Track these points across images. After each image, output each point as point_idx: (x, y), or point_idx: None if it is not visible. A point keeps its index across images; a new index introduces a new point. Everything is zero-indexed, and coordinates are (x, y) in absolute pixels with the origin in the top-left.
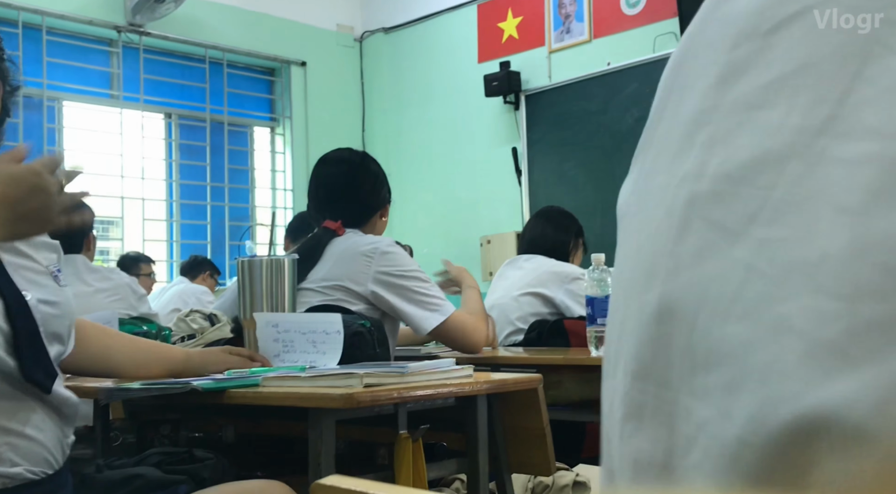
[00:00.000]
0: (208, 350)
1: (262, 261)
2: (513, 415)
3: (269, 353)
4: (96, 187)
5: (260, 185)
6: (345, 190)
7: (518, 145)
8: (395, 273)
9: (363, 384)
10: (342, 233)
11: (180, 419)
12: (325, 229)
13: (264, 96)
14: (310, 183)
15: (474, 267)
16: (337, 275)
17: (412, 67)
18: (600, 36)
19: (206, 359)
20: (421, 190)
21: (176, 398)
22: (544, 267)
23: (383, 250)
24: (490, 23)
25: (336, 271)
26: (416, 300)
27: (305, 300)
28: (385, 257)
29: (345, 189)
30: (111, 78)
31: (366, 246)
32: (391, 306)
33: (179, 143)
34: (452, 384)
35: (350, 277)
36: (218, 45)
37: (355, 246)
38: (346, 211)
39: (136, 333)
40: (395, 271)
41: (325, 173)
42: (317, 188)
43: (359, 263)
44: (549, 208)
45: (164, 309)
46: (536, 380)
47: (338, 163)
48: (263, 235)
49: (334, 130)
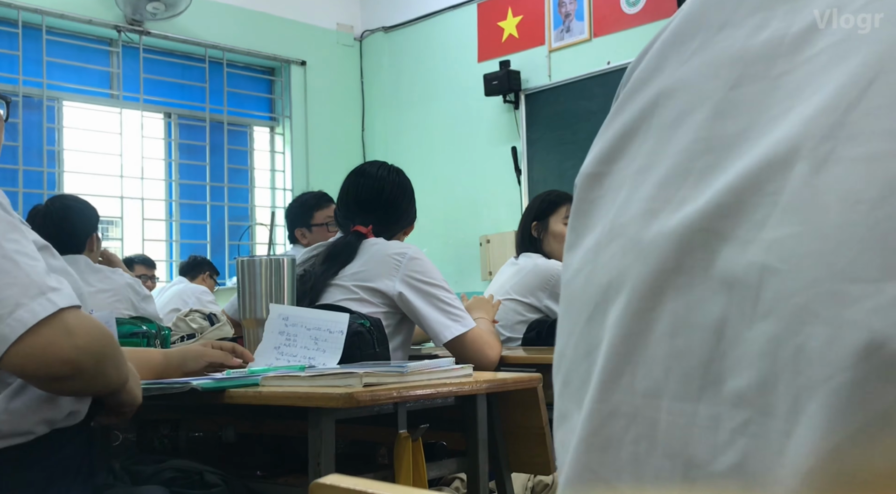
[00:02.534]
0: (188, 347)
1: (261, 261)
2: (513, 414)
3: (269, 344)
4: (96, 187)
5: (259, 184)
6: (380, 201)
7: (518, 145)
8: (424, 279)
9: (363, 383)
10: (370, 237)
11: (180, 418)
12: (357, 233)
13: (264, 96)
14: (342, 190)
15: (474, 267)
16: (366, 274)
17: (412, 67)
18: (600, 35)
19: (185, 355)
20: (421, 189)
21: (175, 398)
22: (527, 268)
23: (412, 256)
24: (490, 22)
25: (366, 269)
26: (440, 308)
27: (330, 295)
28: (414, 262)
29: (379, 200)
30: (111, 77)
31: (396, 249)
32: (414, 310)
33: (179, 142)
34: (452, 383)
35: (379, 276)
36: (218, 44)
37: (385, 249)
38: (378, 220)
39: (135, 332)
40: (422, 277)
41: (362, 184)
42: (348, 195)
43: (388, 264)
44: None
45: (164, 309)
46: (536, 379)
47: (376, 178)
48: (263, 234)
49: (334, 129)
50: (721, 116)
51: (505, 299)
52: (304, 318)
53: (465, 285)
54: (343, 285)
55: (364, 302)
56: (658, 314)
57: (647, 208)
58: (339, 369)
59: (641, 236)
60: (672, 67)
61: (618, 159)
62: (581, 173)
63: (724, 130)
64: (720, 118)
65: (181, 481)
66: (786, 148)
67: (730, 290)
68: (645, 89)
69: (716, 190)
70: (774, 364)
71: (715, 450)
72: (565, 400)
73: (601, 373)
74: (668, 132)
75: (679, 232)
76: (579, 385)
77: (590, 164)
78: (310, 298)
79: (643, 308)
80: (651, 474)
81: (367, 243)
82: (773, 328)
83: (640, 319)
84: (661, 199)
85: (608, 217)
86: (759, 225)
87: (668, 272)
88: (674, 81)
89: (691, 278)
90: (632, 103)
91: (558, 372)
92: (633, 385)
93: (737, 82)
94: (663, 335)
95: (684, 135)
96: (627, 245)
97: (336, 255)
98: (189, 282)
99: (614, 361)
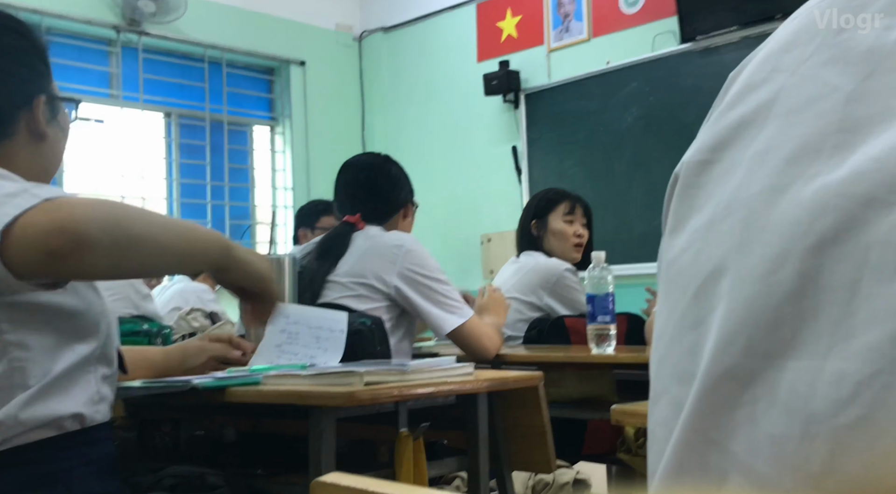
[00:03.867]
0: (186, 343)
1: None
2: (513, 413)
3: (271, 342)
4: (96, 187)
5: (260, 184)
6: (364, 190)
7: (518, 144)
8: (420, 272)
9: (364, 382)
10: (362, 226)
11: (181, 417)
12: (345, 223)
13: (264, 96)
14: (334, 188)
15: (475, 265)
16: (362, 269)
17: (411, 67)
18: (599, 35)
19: (185, 352)
20: (421, 189)
21: (176, 397)
22: (528, 267)
23: (409, 248)
24: (489, 22)
25: (361, 265)
26: (437, 301)
27: (329, 293)
28: (410, 255)
29: (364, 190)
30: (110, 78)
31: (391, 242)
32: (412, 304)
33: (179, 142)
34: (453, 382)
35: (375, 272)
36: (217, 44)
37: (381, 241)
38: (366, 208)
39: (137, 332)
40: (419, 270)
41: (347, 178)
42: (338, 191)
43: (384, 258)
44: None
45: (165, 308)
46: (537, 378)
47: (359, 167)
48: (264, 233)
49: (334, 129)
50: (854, 102)
51: (506, 297)
52: (307, 316)
53: (466, 284)
54: (340, 281)
55: (363, 298)
56: (783, 277)
57: (772, 183)
58: (341, 367)
59: (768, 210)
60: (792, 66)
61: (730, 147)
62: (685, 162)
63: (857, 113)
64: (853, 104)
65: (183, 486)
66: None
67: (867, 250)
68: (762, 87)
69: (856, 161)
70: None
71: (838, 404)
72: (662, 378)
73: (716, 338)
74: (793, 118)
75: (815, 201)
76: (682, 358)
77: (697, 152)
78: (309, 295)
79: (768, 272)
80: (767, 432)
81: (361, 234)
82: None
83: (764, 282)
84: (789, 175)
85: (723, 197)
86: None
87: (796, 236)
88: (797, 78)
89: (822, 238)
90: (747, 99)
91: (655, 351)
92: (751, 346)
93: (870, 74)
94: (790, 295)
95: (812, 120)
96: (750, 218)
97: (329, 249)
98: (190, 280)
99: (732, 323)
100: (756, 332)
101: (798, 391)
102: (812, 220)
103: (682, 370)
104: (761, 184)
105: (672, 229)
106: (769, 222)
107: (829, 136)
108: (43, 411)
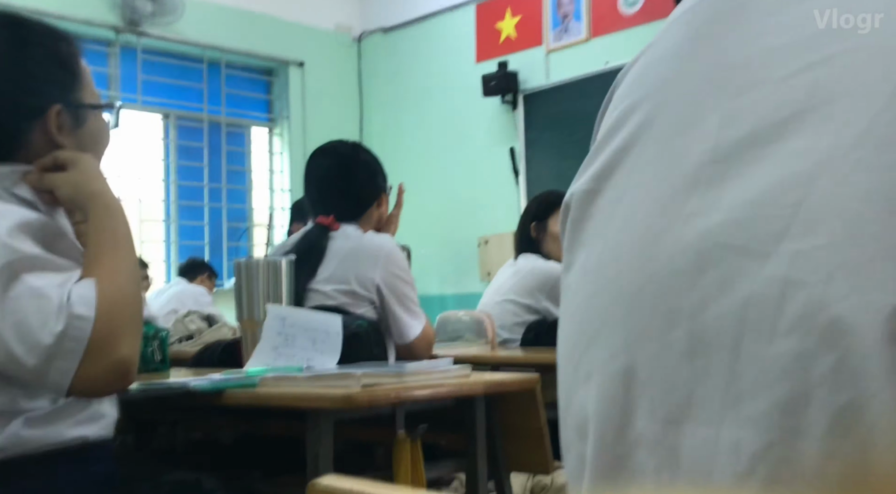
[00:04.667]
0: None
1: (259, 262)
2: (511, 415)
3: (267, 345)
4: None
5: (258, 185)
6: (336, 183)
7: (516, 145)
8: (399, 276)
9: (361, 384)
10: (336, 228)
11: (178, 419)
12: (318, 226)
13: (262, 97)
14: (304, 177)
15: (472, 267)
16: (344, 275)
17: (410, 67)
18: (598, 35)
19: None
20: (419, 190)
21: (173, 399)
22: (526, 270)
23: (388, 252)
24: (488, 22)
25: (343, 270)
26: (407, 306)
27: (312, 301)
28: (390, 260)
29: (336, 182)
30: (109, 79)
31: (373, 244)
32: (386, 307)
33: (177, 143)
34: (450, 384)
35: (357, 277)
36: (215, 45)
37: (361, 244)
38: (339, 206)
39: None
40: (399, 274)
41: (317, 166)
42: (309, 183)
43: (365, 263)
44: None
45: (162, 310)
46: (534, 380)
47: (329, 155)
48: (261, 235)
49: (332, 130)
50: (725, 126)
51: (503, 300)
52: (303, 319)
53: (464, 286)
54: (322, 290)
55: (348, 305)
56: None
57: (652, 224)
58: (338, 370)
59: (652, 259)
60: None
61: (613, 174)
62: (574, 192)
63: (729, 137)
64: (725, 128)
65: (181, 493)
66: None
67: (745, 307)
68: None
69: (731, 202)
70: (805, 383)
71: (738, 478)
72: (567, 429)
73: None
74: (669, 143)
75: (697, 249)
76: (579, 410)
77: (585, 181)
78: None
79: (662, 331)
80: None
81: (337, 235)
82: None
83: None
84: (668, 213)
85: (609, 236)
86: (778, 237)
87: (682, 291)
88: (672, 95)
89: (705, 294)
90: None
91: (560, 397)
92: (652, 413)
93: (738, 92)
94: (683, 355)
95: (688, 146)
96: (636, 264)
97: (306, 257)
98: (188, 283)
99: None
100: (657, 394)
101: (698, 460)
102: (696, 272)
103: (580, 424)
104: (643, 224)
105: (566, 263)
106: (655, 273)
107: (704, 167)
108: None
